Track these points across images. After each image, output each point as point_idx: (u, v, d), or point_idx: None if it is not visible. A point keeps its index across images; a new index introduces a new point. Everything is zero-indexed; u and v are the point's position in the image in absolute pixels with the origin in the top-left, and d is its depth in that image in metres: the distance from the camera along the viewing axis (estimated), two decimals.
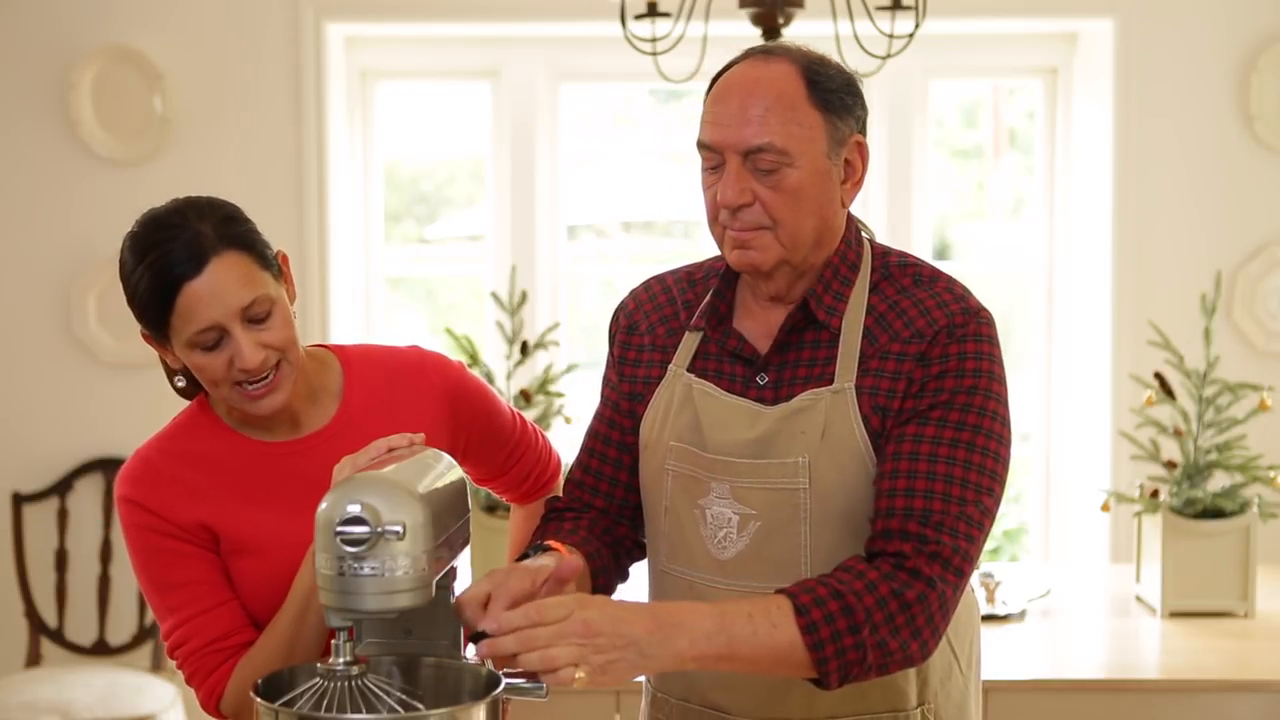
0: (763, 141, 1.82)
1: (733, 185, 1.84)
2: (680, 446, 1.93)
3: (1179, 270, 4.44)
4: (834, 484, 1.84)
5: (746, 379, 1.92)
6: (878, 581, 1.73)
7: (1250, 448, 3.57)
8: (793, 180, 1.83)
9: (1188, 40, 4.44)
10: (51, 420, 4.50)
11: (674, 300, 2.04)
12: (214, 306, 1.83)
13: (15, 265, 4.48)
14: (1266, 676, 3.11)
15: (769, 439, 1.87)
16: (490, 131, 4.79)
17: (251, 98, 4.45)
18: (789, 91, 1.83)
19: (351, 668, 1.70)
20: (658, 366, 2.00)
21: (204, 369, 1.87)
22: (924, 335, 1.85)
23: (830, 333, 1.89)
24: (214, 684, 1.92)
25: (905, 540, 1.76)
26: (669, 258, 5.11)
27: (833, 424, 1.84)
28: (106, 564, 4.45)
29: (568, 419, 3.70)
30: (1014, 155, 5.09)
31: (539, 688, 1.79)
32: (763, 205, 1.84)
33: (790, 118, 1.83)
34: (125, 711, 3.97)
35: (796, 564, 1.86)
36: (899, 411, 1.83)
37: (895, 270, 1.93)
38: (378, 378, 2.05)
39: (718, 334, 1.95)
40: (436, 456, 1.86)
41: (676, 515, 1.93)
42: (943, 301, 1.88)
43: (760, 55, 1.88)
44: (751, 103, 1.83)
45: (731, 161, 1.84)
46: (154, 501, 1.92)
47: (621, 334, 2.07)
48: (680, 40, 3.35)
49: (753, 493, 1.87)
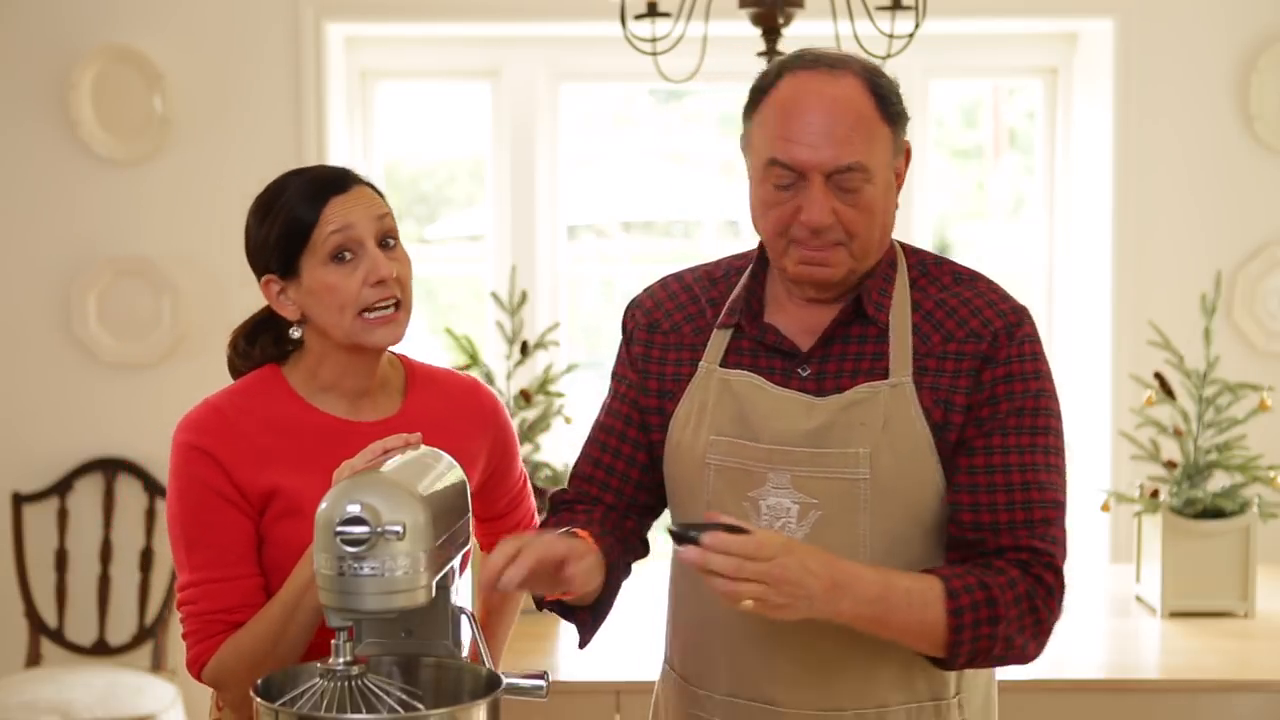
0: (851, 161, 1.84)
1: (821, 207, 1.85)
2: (725, 440, 1.94)
3: (1179, 270, 4.44)
4: (895, 474, 1.88)
5: (787, 371, 1.95)
6: (1017, 580, 1.84)
7: (1250, 448, 3.57)
8: (869, 196, 1.87)
9: (1188, 40, 4.44)
10: (51, 420, 4.50)
11: (697, 299, 2.05)
12: (358, 211, 1.97)
13: (15, 265, 4.48)
14: (1266, 676, 3.11)
15: (826, 430, 1.90)
16: (490, 131, 4.79)
17: (251, 98, 4.45)
18: (864, 109, 1.86)
19: (351, 668, 1.70)
20: (687, 365, 2.01)
21: (337, 287, 1.95)
22: (981, 335, 1.91)
23: (877, 328, 1.93)
24: (202, 651, 1.96)
25: (1019, 550, 1.87)
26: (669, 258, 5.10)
27: (893, 417, 1.89)
28: (106, 564, 4.45)
29: (568, 419, 3.70)
30: (1014, 155, 5.09)
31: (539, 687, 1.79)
32: (841, 223, 1.87)
33: (870, 135, 1.86)
34: (125, 711, 3.97)
35: (855, 553, 1.89)
36: (968, 410, 1.89)
37: (933, 268, 1.99)
38: (436, 389, 2.13)
39: (754, 329, 1.97)
40: (436, 456, 1.86)
41: (723, 508, 1.93)
42: (990, 301, 1.94)
43: (824, 68, 1.88)
44: (835, 122, 1.84)
45: (815, 182, 1.85)
46: (221, 450, 1.96)
47: (642, 332, 2.07)
48: (680, 40, 3.35)
49: (814, 482, 1.89)
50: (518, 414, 3.59)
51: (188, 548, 1.97)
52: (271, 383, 2.05)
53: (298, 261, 1.97)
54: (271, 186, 2.02)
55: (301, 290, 1.99)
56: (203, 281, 4.46)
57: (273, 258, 1.99)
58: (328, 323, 1.99)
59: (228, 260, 4.39)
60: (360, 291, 1.96)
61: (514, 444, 2.24)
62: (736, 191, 5.14)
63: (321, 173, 2.02)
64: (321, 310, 1.98)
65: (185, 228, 4.46)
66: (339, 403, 2.04)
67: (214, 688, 2.00)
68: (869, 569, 1.81)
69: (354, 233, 1.96)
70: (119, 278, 4.44)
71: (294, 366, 2.06)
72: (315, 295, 1.98)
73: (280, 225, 1.97)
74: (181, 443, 1.99)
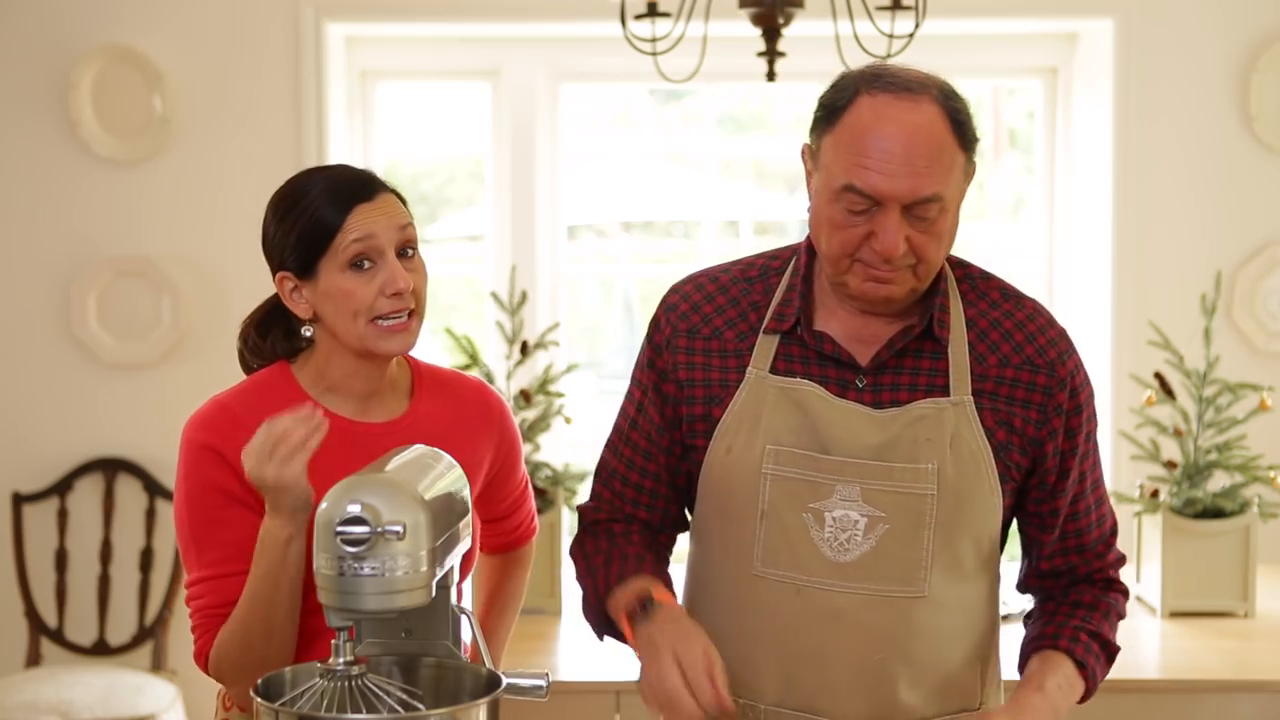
0: (930, 193, 1.84)
1: (897, 237, 1.84)
2: (784, 450, 1.92)
3: (1179, 270, 4.44)
4: (959, 492, 1.91)
5: (843, 382, 1.94)
6: (1114, 602, 2.06)
7: (1250, 448, 3.57)
8: (943, 224, 1.87)
9: (1188, 40, 4.44)
10: (51, 420, 4.49)
11: (737, 301, 2.01)
12: (381, 222, 1.97)
13: (15, 265, 4.48)
14: (1266, 676, 3.11)
15: (893, 444, 1.91)
16: (490, 131, 4.79)
17: (251, 98, 4.45)
18: (943, 138, 1.84)
19: (351, 668, 1.70)
20: (733, 371, 1.97)
21: (353, 294, 1.96)
22: (1037, 365, 1.96)
23: (934, 343, 1.94)
24: (206, 643, 1.97)
25: (1103, 562, 2.06)
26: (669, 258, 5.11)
27: (959, 433, 1.91)
28: (106, 564, 4.45)
29: (568, 419, 3.70)
30: (1014, 155, 5.09)
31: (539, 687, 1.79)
32: (913, 248, 1.86)
33: (949, 166, 1.85)
34: (125, 711, 3.97)
35: (918, 568, 1.91)
36: (1037, 442, 1.96)
37: (980, 283, 2.02)
38: (444, 392, 2.13)
39: (809, 336, 1.95)
40: (436, 456, 1.86)
41: (779, 518, 1.92)
42: (1040, 327, 1.99)
43: (904, 92, 1.84)
44: (917, 153, 1.82)
45: (893, 212, 1.84)
46: (229, 448, 1.95)
47: (682, 339, 2.01)
48: (680, 40, 3.35)
49: (883, 495, 1.90)
50: (518, 414, 3.59)
51: (196, 546, 1.97)
52: (280, 381, 2.05)
53: (316, 264, 1.97)
54: (295, 183, 2.01)
55: (316, 292, 1.98)
56: (203, 281, 4.46)
57: (290, 256, 1.99)
58: (339, 327, 1.99)
59: (228, 260, 4.40)
60: (375, 300, 1.96)
61: (518, 446, 2.24)
62: (736, 191, 5.14)
63: (348, 176, 2.00)
64: (334, 314, 1.98)
65: (185, 228, 4.46)
66: (347, 403, 2.05)
67: (217, 679, 2.00)
68: (1035, 694, 1.93)
69: (375, 242, 1.96)
70: (119, 278, 4.44)
71: (303, 365, 2.07)
72: (330, 299, 1.97)
73: (302, 226, 1.97)
74: (190, 441, 1.99)
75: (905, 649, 1.93)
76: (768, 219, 5.31)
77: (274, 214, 2.01)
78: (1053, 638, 2.00)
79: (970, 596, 1.97)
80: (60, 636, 4.43)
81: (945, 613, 1.95)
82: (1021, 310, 1.99)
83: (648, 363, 2.05)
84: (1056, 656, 1.98)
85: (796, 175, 5.30)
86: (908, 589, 1.91)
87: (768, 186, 5.23)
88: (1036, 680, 1.95)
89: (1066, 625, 2.00)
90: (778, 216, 5.31)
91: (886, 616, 1.92)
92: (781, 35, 3.31)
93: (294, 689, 1.74)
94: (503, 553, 2.36)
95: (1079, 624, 2.00)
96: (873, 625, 1.92)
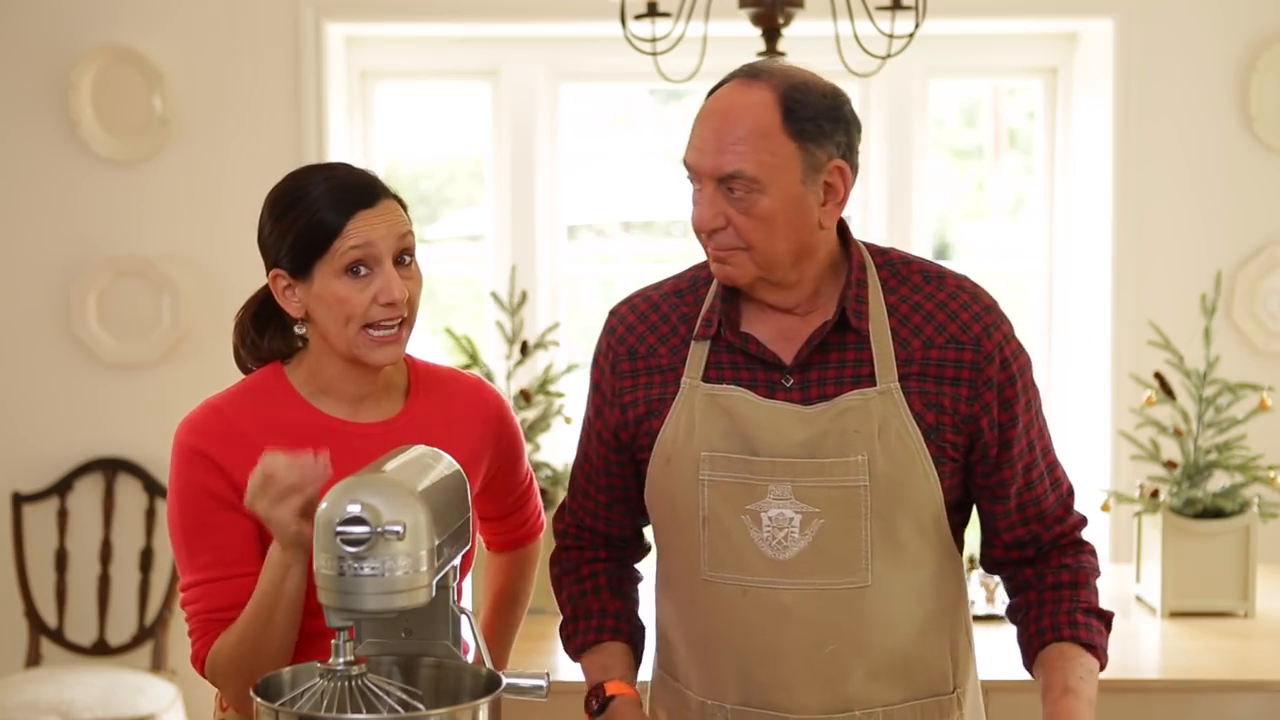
0: (734, 169, 1.87)
1: (706, 209, 1.91)
2: (718, 455, 1.95)
3: (1179, 270, 4.44)
4: (892, 479, 1.92)
5: (770, 383, 1.96)
6: (1089, 565, 2.04)
7: (1250, 448, 3.57)
8: (764, 206, 1.89)
9: (1188, 40, 4.44)
10: (51, 420, 4.50)
11: (668, 317, 2.06)
12: (381, 230, 1.95)
13: (15, 265, 4.48)
14: (1266, 676, 3.11)
15: (821, 439, 1.93)
16: (490, 131, 4.79)
17: (251, 98, 4.45)
18: (764, 121, 1.88)
19: (351, 668, 1.70)
20: (671, 384, 2.01)
21: (346, 300, 1.94)
22: (961, 342, 1.96)
23: (857, 335, 1.95)
24: (203, 647, 1.97)
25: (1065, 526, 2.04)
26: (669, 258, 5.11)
27: (886, 422, 1.92)
28: (106, 564, 4.45)
29: (567, 419, 3.69)
30: (1014, 155, 5.09)
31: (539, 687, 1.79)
32: (735, 229, 1.90)
33: (763, 146, 1.87)
34: (125, 711, 3.97)
35: (858, 558, 1.93)
36: (970, 418, 1.95)
37: (901, 268, 2.02)
38: (440, 390, 2.12)
39: (735, 339, 1.98)
40: (436, 456, 1.86)
41: (720, 523, 1.96)
42: (963, 303, 1.98)
43: (744, 78, 1.92)
44: (727, 130, 1.88)
45: (706, 186, 1.91)
46: (220, 453, 1.95)
47: (625, 363, 2.06)
48: (680, 40, 3.35)
49: (815, 491, 1.92)
50: (518, 414, 3.59)
51: (188, 550, 1.97)
52: (273, 382, 2.04)
53: (312, 266, 1.95)
54: (295, 181, 2.00)
55: (310, 293, 1.97)
56: (203, 281, 4.46)
57: (285, 256, 1.97)
58: (330, 331, 1.98)
59: (228, 260, 4.40)
60: (369, 308, 1.95)
61: (519, 443, 2.24)
62: None
63: (349, 180, 1.98)
64: (326, 317, 1.97)
65: (185, 228, 4.46)
66: (340, 404, 2.04)
67: (214, 684, 2.00)
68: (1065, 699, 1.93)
69: (374, 250, 1.94)
70: (119, 278, 4.44)
71: (296, 365, 2.06)
72: (323, 302, 1.96)
73: (300, 227, 1.95)
74: (181, 445, 1.99)
75: (857, 639, 1.94)
76: None
77: (272, 210, 1.99)
78: (1053, 630, 2.00)
79: (921, 581, 1.98)
80: (60, 636, 4.43)
81: (894, 600, 1.96)
82: (943, 290, 1.99)
83: (594, 386, 2.12)
84: (1066, 648, 1.98)
85: None
86: (850, 580, 1.93)
87: None
88: (1060, 682, 1.95)
89: (1060, 613, 2.00)
90: None
91: (832, 609, 1.94)
92: (781, 35, 3.30)
93: (294, 689, 1.74)
94: (509, 550, 2.35)
95: (1070, 606, 2.00)
96: (819, 619, 1.94)
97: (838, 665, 1.95)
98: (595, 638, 2.11)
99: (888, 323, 1.96)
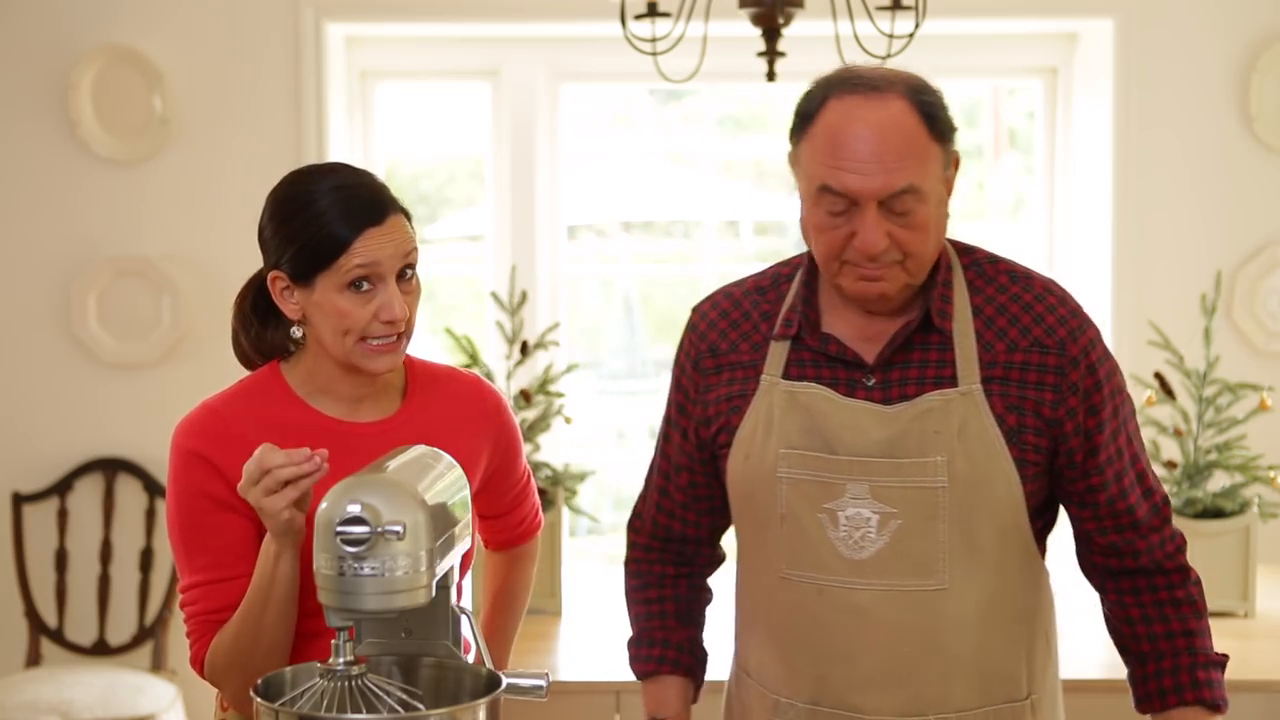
0: (903, 186, 1.86)
1: (877, 234, 1.87)
2: (796, 453, 1.96)
3: (1179, 270, 4.44)
4: (971, 481, 1.91)
5: (852, 382, 1.96)
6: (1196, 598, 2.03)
7: (1250, 448, 3.57)
8: (923, 215, 1.89)
9: (1188, 40, 4.44)
10: (51, 420, 4.49)
11: (749, 314, 2.06)
12: (387, 249, 1.94)
13: (15, 265, 4.48)
14: (1266, 676, 3.11)
15: (900, 439, 1.92)
16: (490, 131, 4.79)
17: (252, 98, 4.45)
18: (912, 131, 1.87)
19: (351, 668, 1.70)
20: (751, 381, 2.01)
21: (347, 314, 1.94)
22: (1046, 346, 1.95)
23: (940, 335, 1.95)
24: (202, 648, 1.97)
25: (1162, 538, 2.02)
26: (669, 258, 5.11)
27: (967, 423, 1.91)
28: (106, 564, 4.45)
29: (568, 419, 3.70)
30: (1014, 155, 5.09)
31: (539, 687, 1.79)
32: (897, 244, 1.89)
33: (921, 158, 1.88)
34: (125, 711, 3.97)
35: (936, 560, 1.93)
36: (1055, 423, 1.94)
37: (988, 268, 2.02)
38: (438, 389, 2.12)
39: (814, 340, 1.98)
40: (436, 456, 1.86)
41: (797, 521, 1.96)
42: (1050, 306, 1.98)
43: (867, 91, 1.89)
44: (886, 149, 1.86)
45: (870, 210, 1.87)
46: (218, 455, 1.95)
47: (707, 359, 2.06)
48: (680, 40, 3.35)
49: (893, 491, 1.92)
50: (518, 414, 3.59)
51: (187, 552, 1.98)
52: (271, 383, 2.04)
53: (314, 276, 1.95)
54: (301, 185, 1.98)
55: (309, 300, 1.97)
56: (203, 281, 4.46)
57: (288, 261, 1.96)
58: (327, 339, 1.98)
59: (228, 260, 4.39)
60: (369, 323, 1.95)
61: (517, 441, 2.23)
62: (736, 192, 5.15)
63: (360, 193, 1.96)
64: (324, 326, 1.97)
65: (185, 228, 4.46)
66: (337, 404, 2.04)
67: (213, 683, 2.01)
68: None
69: (379, 269, 1.94)
70: (119, 278, 4.44)
71: (294, 366, 2.06)
72: (322, 311, 1.96)
73: (306, 237, 1.94)
74: (178, 447, 1.99)
75: (932, 641, 1.94)
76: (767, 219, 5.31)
77: (276, 214, 1.98)
78: (1176, 691, 2.02)
79: (999, 585, 1.97)
80: (60, 636, 4.43)
81: (972, 603, 1.95)
82: (1030, 292, 1.99)
83: (675, 383, 2.12)
84: (1191, 715, 2.02)
85: None
86: (927, 582, 1.93)
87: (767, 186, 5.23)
88: None
89: (1181, 670, 2.02)
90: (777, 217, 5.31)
91: (909, 611, 1.93)
92: (781, 35, 3.30)
93: (294, 689, 1.74)
94: (508, 549, 2.35)
95: (1190, 662, 2.02)
96: (895, 620, 1.93)
97: (914, 667, 1.94)
98: (655, 668, 2.15)
99: (971, 324, 1.96)
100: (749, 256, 5.13)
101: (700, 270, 4.81)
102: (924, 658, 1.94)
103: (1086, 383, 1.95)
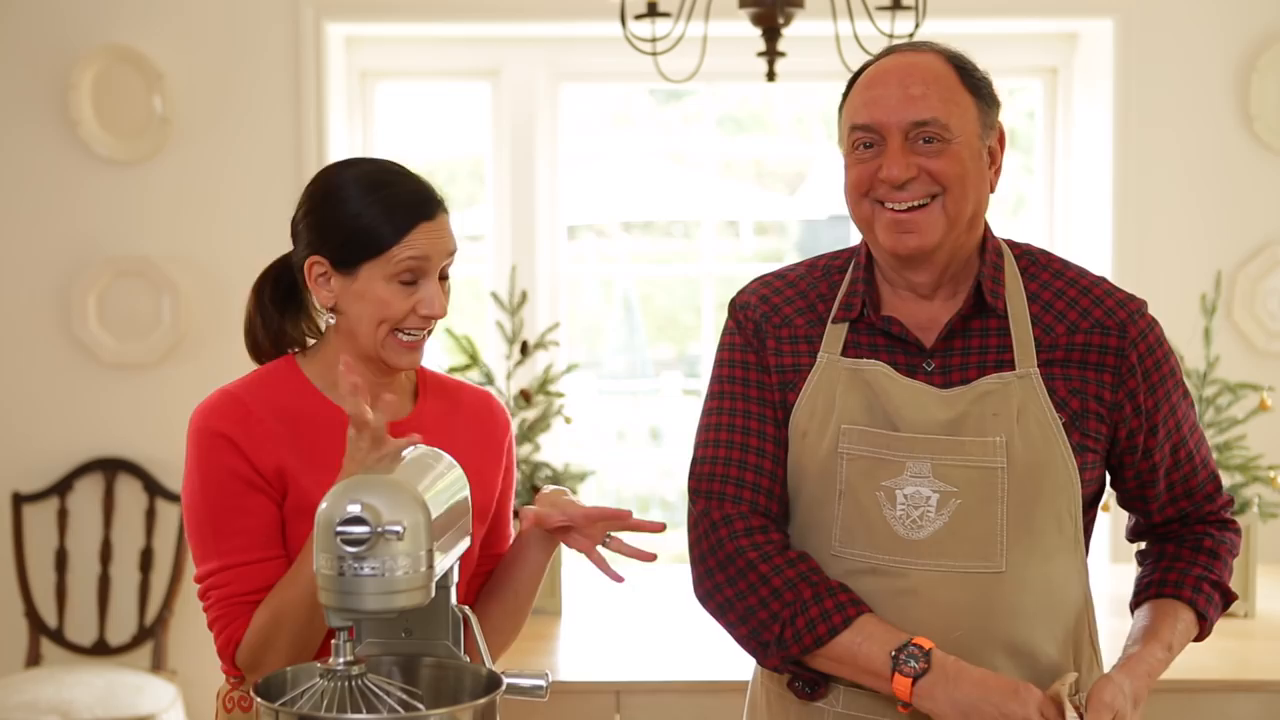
0: (927, 116, 1.91)
1: (898, 161, 1.91)
2: (858, 429, 1.95)
3: (1179, 270, 4.44)
4: (1029, 463, 1.93)
5: (911, 366, 1.98)
6: (1233, 543, 2.10)
7: (1250, 448, 3.57)
8: (954, 150, 1.92)
9: (1188, 40, 4.44)
10: (51, 420, 4.50)
11: (805, 293, 2.06)
12: (438, 244, 2.00)
13: (15, 265, 4.48)
14: (1266, 676, 3.11)
15: (960, 420, 1.93)
16: (490, 131, 4.79)
17: (251, 98, 4.45)
18: (944, 74, 1.94)
19: (351, 668, 1.70)
20: (805, 355, 2.01)
21: (388, 304, 1.97)
22: (1107, 327, 1.98)
23: (997, 319, 1.97)
24: (234, 632, 1.95)
25: (1213, 505, 2.10)
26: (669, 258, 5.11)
27: (1026, 406, 1.93)
28: (106, 564, 4.45)
29: (568, 419, 3.70)
30: (1014, 155, 5.09)
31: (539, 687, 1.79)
32: (929, 174, 1.92)
33: (949, 96, 1.92)
34: (125, 711, 3.97)
35: (993, 542, 1.92)
36: (1116, 406, 1.97)
37: (1041, 257, 2.06)
38: (448, 398, 2.13)
39: (877, 320, 1.99)
40: (436, 456, 1.86)
41: (855, 497, 1.95)
42: (1107, 290, 2.02)
43: (906, 48, 1.97)
44: (911, 83, 1.92)
45: (894, 139, 1.92)
46: (242, 437, 1.95)
47: (767, 324, 2.04)
48: (680, 40, 3.35)
49: (954, 470, 1.92)
50: (518, 414, 3.59)
51: (215, 534, 1.96)
52: (287, 374, 2.05)
53: (360, 264, 1.96)
54: (353, 174, 1.99)
55: (349, 289, 1.98)
56: (203, 281, 4.46)
57: (332, 248, 1.97)
58: (360, 328, 1.99)
59: (228, 260, 4.40)
60: (406, 315, 1.98)
61: (513, 463, 2.21)
62: (736, 191, 5.15)
63: (416, 190, 2.00)
64: (360, 314, 1.98)
65: (185, 228, 4.47)
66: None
67: (249, 670, 1.96)
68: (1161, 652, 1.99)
69: (427, 264, 1.98)
70: (119, 278, 4.44)
71: (311, 358, 2.06)
72: (362, 300, 1.97)
73: (359, 226, 1.96)
74: (201, 429, 1.97)
75: (985, 627, 1.92)
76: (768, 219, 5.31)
77: (326, 199, 1.99)
78: (1175, 585, 2.04)
79: (1055, 575, 1.96)
80: (60, 636, 4.43)
81: (1027, 591, 1.94)
82: (1086, 278, 2.03)
83: (734, 364, 2.05)
84: (1178, 607, 2.03)
85: (796, 175, 5.30)
86: (984, 564, 1.92)
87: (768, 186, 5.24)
88: (1160, 636, 2.00)
89: (1189, 573, 2.05)
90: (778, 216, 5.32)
91: (963, 593, 1.92)
92: (781, 35, 3.31)
93: (294, 689, 1.74)
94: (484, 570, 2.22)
95: (1202, 573, 2.05)
96: (949, 602, 1.92)
97: (965, 651, 1.90)
98: (857, 611, 1.91)
99: (1027, 309, 1.98)
100: (749, 256, 5.14)
101: (700, 270, 4.81)
102: (974, 642, 1.91)
103: (1146, 363, 1.98)
